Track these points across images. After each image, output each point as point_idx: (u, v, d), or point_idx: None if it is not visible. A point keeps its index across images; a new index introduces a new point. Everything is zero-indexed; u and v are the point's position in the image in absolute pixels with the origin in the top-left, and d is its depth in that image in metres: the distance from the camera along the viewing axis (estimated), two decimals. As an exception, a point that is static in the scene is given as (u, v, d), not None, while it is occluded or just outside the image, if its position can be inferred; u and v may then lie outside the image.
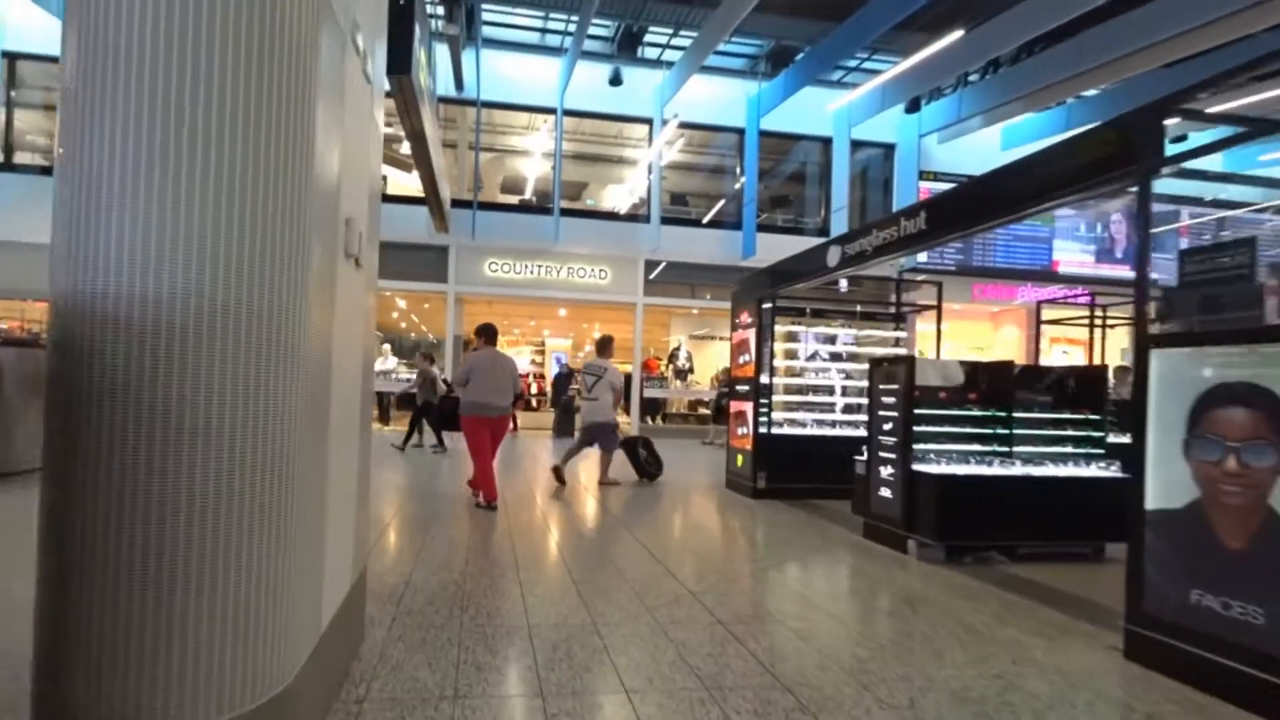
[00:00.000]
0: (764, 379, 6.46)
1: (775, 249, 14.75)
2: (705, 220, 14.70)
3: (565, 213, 13.61)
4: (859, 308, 7.93)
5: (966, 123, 13.91)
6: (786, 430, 6.63)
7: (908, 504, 4.40)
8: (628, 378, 15.58)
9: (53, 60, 14.32)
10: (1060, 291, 15.47)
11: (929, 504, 4.27)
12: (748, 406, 6.54)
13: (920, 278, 12.97)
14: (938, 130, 14.27)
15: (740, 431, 6.70)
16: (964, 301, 15.22)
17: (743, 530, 5.14)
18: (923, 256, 13.94)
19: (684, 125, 14.28)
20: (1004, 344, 16.09)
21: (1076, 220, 15.32)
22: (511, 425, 11.34)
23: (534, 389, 18.00)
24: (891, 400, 4.60)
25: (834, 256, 5.34)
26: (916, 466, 4.41)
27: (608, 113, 14.05)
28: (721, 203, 15.33)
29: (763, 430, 6.38)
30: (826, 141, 14.78)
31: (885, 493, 4.62)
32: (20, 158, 12.67)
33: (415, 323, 21.14)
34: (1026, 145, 15.41)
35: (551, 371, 17.74)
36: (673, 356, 14.88)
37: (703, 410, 14.99)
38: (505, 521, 5.00)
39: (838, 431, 6.79)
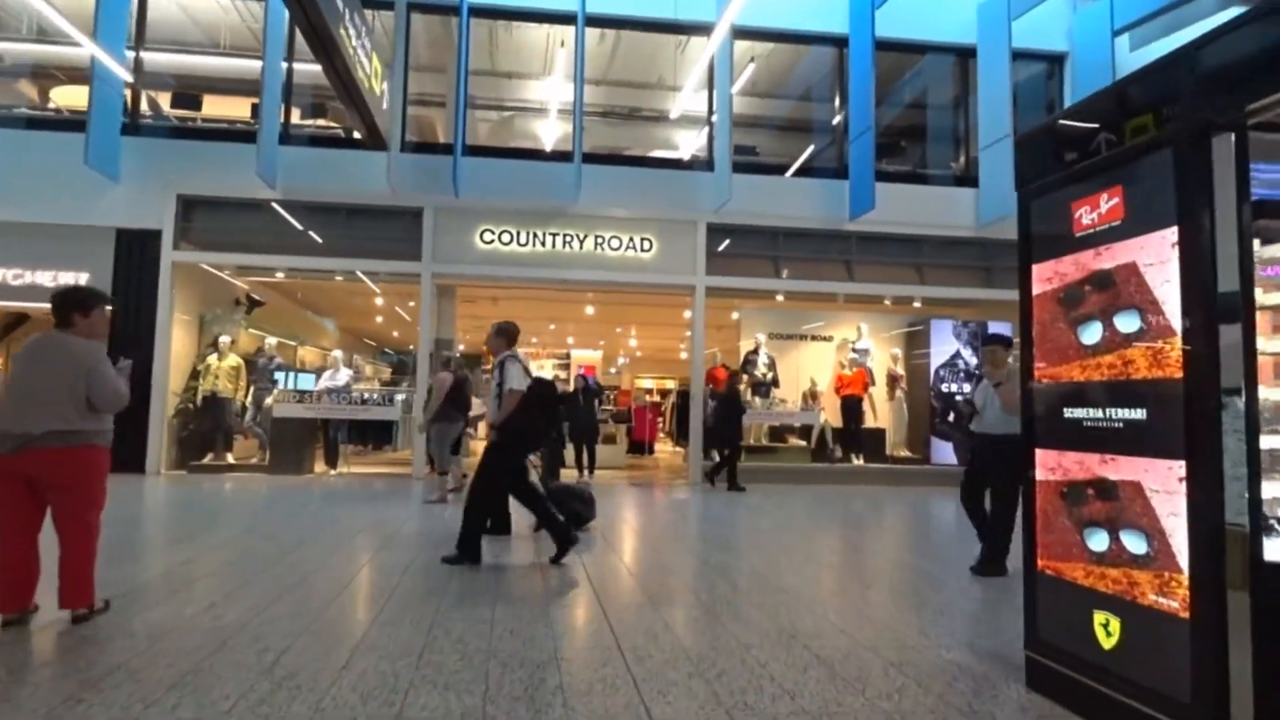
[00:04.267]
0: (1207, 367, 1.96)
1: (897, 204, 9.93)
2: (793, 170, 10.23)
3: (590, 159, 9.33)
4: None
5: (1187, 7, 9.18)
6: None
7: None
8: (684, 395, 11.11)
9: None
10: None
11: None
12: (1154, 471, 1.98)
13: None
14: (1135, 24, 9.49)
15: (1103, 543, 2.12)
16: None
17: None
18: None
19: (760, 35, 9.94)
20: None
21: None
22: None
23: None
24: None
25: None
26: None
27: (649, 18, 9.75)
28: (809, 150, 10.86)
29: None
30: (964, 53, 10.22)
31: None
32: None
33: (410, 328, 17.07)
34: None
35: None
36: (748, 363, 10.35)
37: (795, 441, 10.35)
38: None
39: None
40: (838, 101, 10.33)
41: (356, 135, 9.50)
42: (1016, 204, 2.57)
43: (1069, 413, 2.29)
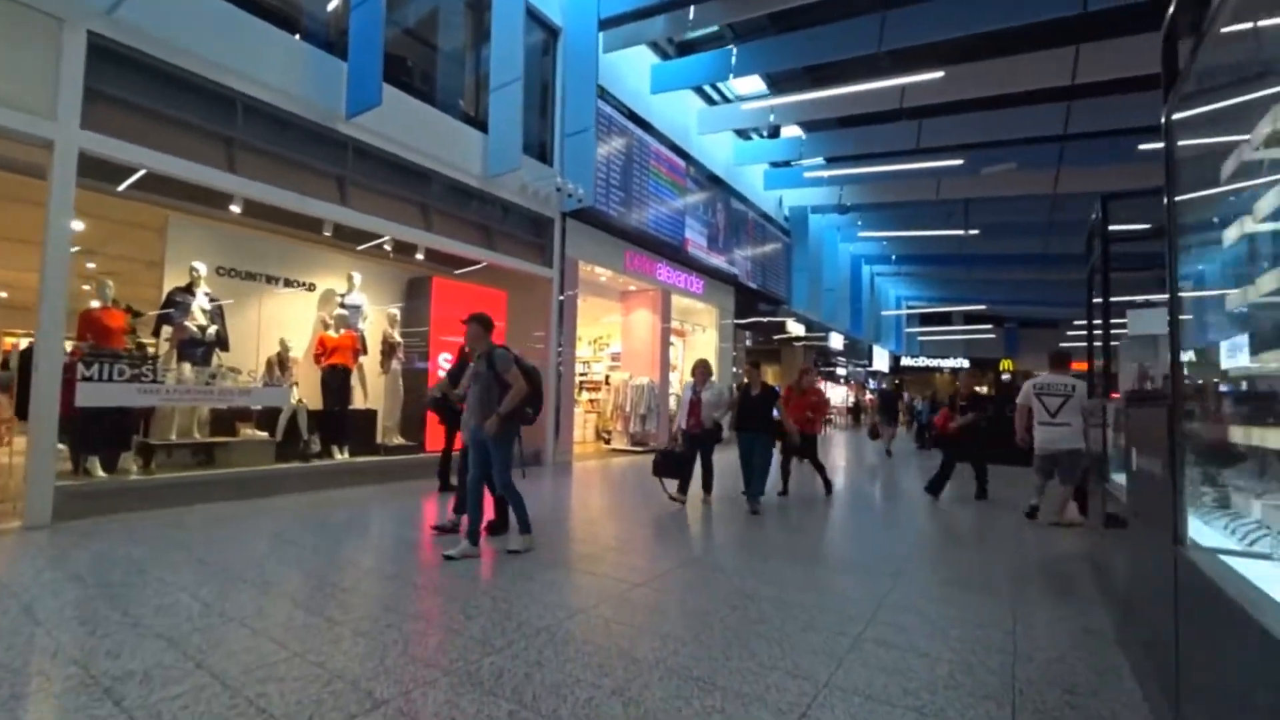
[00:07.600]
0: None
1: (407, 121, 7.22)
2: (297, 33, 6.47)
3: None
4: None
5: (648, 22, 10.20)
6: None
7: None
8: (26, 355, 5.56)
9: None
10: (682, 275, 13.62)
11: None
12: None
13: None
14: (614, 21, 9.95)
15: None
16: (615, 269, 11.59)
17: None
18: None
19: None
20: (635, 333, 13.23)
21: (698, 198, 13.76)
22: None
23: None
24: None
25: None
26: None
27: None
28: (301, 36, 7.27)
29: None
30: (480, -15, 8.74)
31: None
32: None
33: None
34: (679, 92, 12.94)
35: None
36: (174, 306, 5.98)
37: (252, 433, 6.52)
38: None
39: None
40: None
41: None
42: None
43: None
